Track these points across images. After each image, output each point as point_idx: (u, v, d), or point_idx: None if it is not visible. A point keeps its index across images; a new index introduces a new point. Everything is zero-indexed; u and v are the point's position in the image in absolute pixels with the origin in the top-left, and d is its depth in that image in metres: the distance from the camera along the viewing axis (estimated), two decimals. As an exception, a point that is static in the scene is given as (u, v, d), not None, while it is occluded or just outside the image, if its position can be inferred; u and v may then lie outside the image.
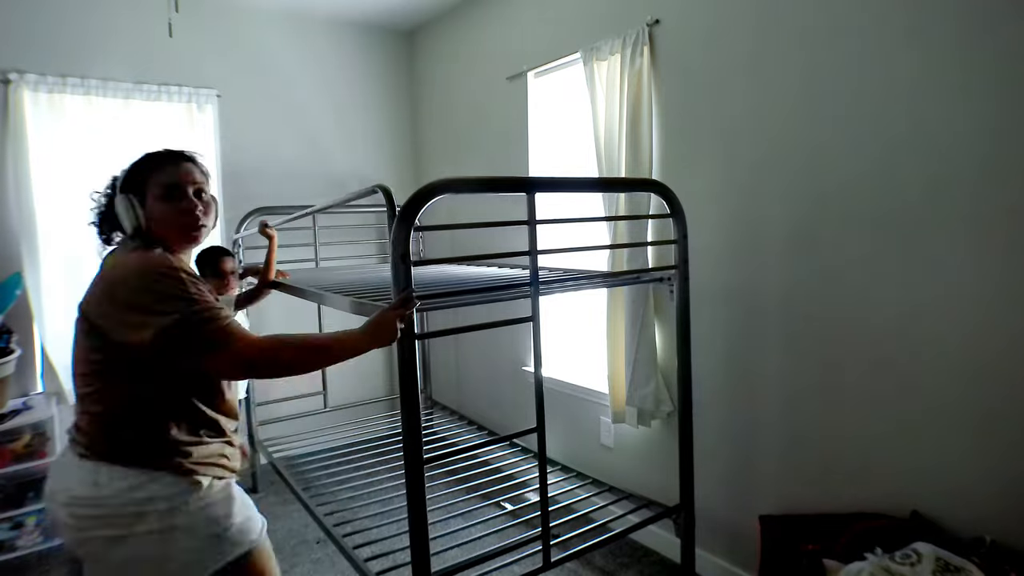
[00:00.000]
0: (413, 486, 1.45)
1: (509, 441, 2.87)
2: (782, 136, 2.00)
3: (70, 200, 3.00)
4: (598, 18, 2.60)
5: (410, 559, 1.49)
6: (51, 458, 2.72)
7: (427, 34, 3.87)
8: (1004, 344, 1.57)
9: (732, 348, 2.21)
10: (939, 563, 1.45)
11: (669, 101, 2.34)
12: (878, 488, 1.84)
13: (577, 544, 1.88)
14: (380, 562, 1.98)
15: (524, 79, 3.06)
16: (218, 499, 1.34)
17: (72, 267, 3.02)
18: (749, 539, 2.15)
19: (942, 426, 1.70)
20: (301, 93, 3.69)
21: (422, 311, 1.48)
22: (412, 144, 4.12)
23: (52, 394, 2.95)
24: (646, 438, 2.57)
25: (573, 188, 2.37)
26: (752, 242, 2.12)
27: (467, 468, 2.82)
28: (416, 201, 1.40)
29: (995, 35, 1.53)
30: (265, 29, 3.56)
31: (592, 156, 2.56)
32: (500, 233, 3.20)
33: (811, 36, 1.90)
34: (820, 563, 1.66)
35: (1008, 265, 1.55)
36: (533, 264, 1.60)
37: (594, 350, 2.83)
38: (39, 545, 2.72)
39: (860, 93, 1.79)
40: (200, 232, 1.40)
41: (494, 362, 3.48)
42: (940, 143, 1.64)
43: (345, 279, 2.42)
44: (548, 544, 1.70)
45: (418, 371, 1.47)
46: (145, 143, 3.14)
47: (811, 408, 1.99)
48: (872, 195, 1.79)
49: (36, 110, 2.91)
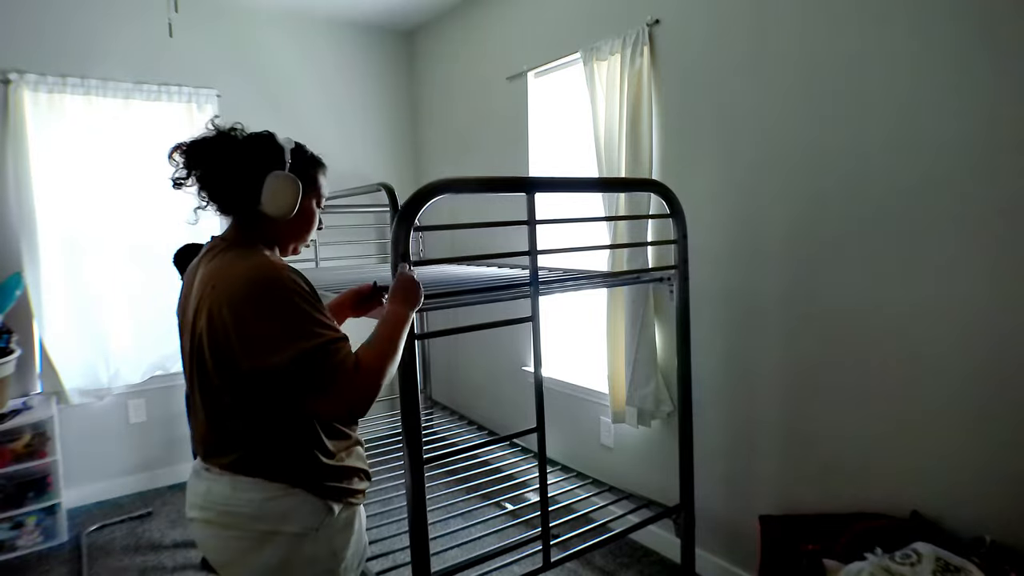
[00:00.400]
0: (413, 486, 1.45)
1: (509, 441, 2.86)
2: (782, 136, 2.00)
3: (70, 200, 3.00)
4: (598, 18, 2.60)
5: (410, 559, 1.49)
6: (51, 458, 2.73)
7: (427, 34, 3.87)
8: (1004, 344, 1.57)
9: (732, 348, 2.21)
10: (939, 563, 1.45)
11: (669, 101, 2.34)
12: (878, 488, 1.84)
13: (577, 544, 1.88)
14: (380, 562, 1.99)
15: (524, 79, 3.06)
16: (342, 528, 1.22)
17: (72, 267, 3.02)
18: (749, 539, 2.15)
19: (942, 426, 1.70)
20: (301, 93, 3.69)
21: (422, 311, 1.48)
22: (412, 144, 4.12)
23: (51, 394, 2.95)
24: (646, 438, 2.57)
25: (573, 188, 2.37)
26: (752, 242, 2.12)
27: (467, 468, 2.82)
28: (416, 201, 1.40)
29: (995, 35, 1.53)
30: (265, 29, 3.56)
31: (592, 156, 2.56)
32: (500, 233, 3.20)
33: (811, 36, 1.90)
34: (820, 563, 1.66)
35: (1008, 265, 1.55)
36: (533, 264, 1.60)
37: (594, 350, 2.83)
38: (39, 545, 2.72)
39: (860, 93, 1.79)
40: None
41: (494, 362, 3.48)
42: (940, 143, 1.64)
43: (345, 279, 2.42)
44: (548, 544, 1.71)
45: (418, 371, 1.46)
46: (145, 143, 3.16)
47: (811, 408, 1.99)
48: (872, 195, 1.79)
49: (36, 110, 2.91)
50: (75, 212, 3.02)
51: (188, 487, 1.23)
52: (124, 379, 3.16)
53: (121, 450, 3.25)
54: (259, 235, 1.22)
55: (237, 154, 1.19)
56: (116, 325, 3.13)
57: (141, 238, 3.15)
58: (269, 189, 1.17)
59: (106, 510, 3.08)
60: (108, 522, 2.93)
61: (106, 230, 3.09)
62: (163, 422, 3.30)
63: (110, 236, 3.10)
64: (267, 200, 1.18)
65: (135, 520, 2.96)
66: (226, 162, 1.18)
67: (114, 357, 3.13)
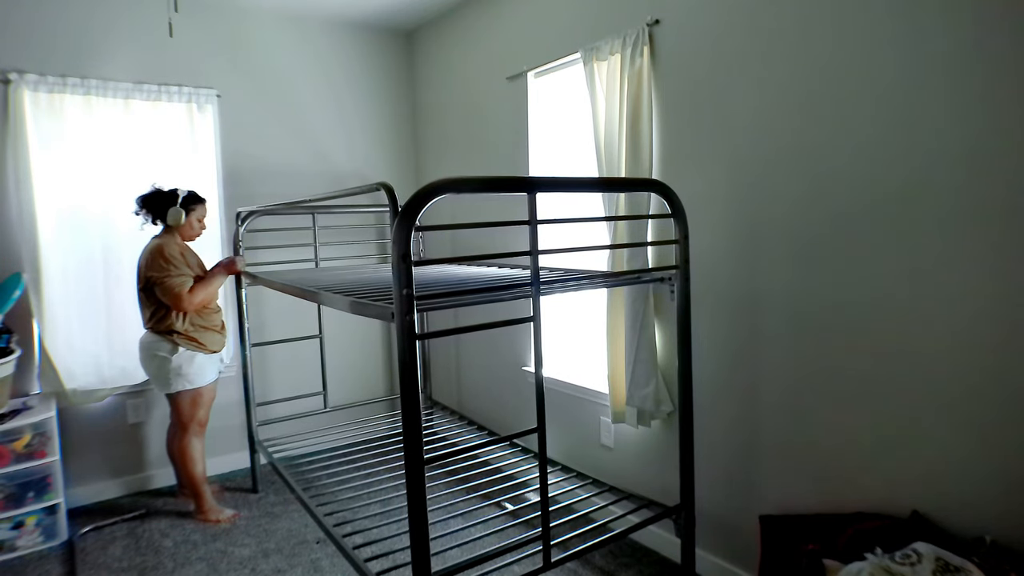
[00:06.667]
0: (413, 486, 1.45)
1: (509, 441, 2.86)
2: (782, 135, 2.00)
3: (70, 200, 3.00)
4: (598, 18, 2.60)
5: (410, 559, 1.49)
6: (51, 458, 2.73)
7: (427, 34, 3.87)
8: (1004, 344, 1.57)
9: (732, 348, 2.21)
10: (939, 563, 1.45)
11: (669, 101, 2.34)
12: (878, 488, 1.84)
13: (577, 544, 1.88)
14: (380, 562, 1.99)
15: (524, 79, 3.06)
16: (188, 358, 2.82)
17: (72, 267, 3.02)
18: (749, 539, 2.15)
19: (942, 426, 1.70)
20: (301, 93, 3.69)
21: (422, 311, 1.48)
22: (412, 144, 4.12)
23: (51, 394, 2.95)
24: (646, 438, 2.57)
25: (573, 188, 2.37)
26: (751, 241, 2.12)
27: (467, 468, 2.82)
28: (417, 201, 1.40)
29: (990, 35, 1.53)
30: (265, 29, 3.56)
31: (592, 156, 2.56)
32: (500, 233, 3.20)
33: (811, 36, 1.90)
34: (820, 563, 1.66)
35: (1009, 264, 1.55)
36: (534, 264, 1.60)
37: (594, 350, 2.84)
38: (39, 545, 2.72)
39: (860, 92, 1.79)
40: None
41: (494, 362, 3.48)
42: (940, 143, 1.64)
43: (345, 279, 2.43)
44: (548, 544, 1.71)
45: (418, 371, 1.47)
46: (145, 143, 3.16)
47: (811, 408, 2.00)
48: (872, 194, 1.79)
49: (36, 110, 2.91)
50: (75, 212, 3.02)
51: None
52: (124, 379, 3.16)
53: (121, 450, 3.25)
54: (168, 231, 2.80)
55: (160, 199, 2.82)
56: (116, 325, 3.13)
57: (141, 238, 3.15)
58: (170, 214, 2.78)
59: (106, 510, 3.08)
60: (105, 523, 2.93)
61: (106, 230, 3.09)
62: (163, 422, 3.30)
63: (110, 236, 3.10)
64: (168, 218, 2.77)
65: (134, 520, 2.97)
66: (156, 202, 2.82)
67: (114, 357, 3.13)
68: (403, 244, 1.39)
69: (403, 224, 1.38)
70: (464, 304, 1.69)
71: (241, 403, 3.31)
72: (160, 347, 2.76)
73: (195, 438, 2.90)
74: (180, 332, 2.77)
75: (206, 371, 2.88)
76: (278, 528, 2.85)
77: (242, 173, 3.50)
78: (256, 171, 3.55)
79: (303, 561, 2.57)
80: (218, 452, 3.43)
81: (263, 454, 3.11)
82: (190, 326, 2.80)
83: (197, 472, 2.91)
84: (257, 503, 3.13)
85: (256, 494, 3.23)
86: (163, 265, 2.70)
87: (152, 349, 2.78)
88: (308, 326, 3.60)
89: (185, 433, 2.88)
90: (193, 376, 2.81)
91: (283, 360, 3.66)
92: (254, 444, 3.22)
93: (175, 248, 2.77)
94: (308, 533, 2.80)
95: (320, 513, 2.31)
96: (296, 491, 2.55)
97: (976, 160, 1.59)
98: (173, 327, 2.76)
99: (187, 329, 2.79)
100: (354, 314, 1.79)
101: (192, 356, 2.80)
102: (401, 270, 1.39)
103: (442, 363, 4.00)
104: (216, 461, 3.40)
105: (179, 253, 2.77)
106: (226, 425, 3.44)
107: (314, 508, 2.36)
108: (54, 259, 2.96)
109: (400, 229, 1.38)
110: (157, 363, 2.78)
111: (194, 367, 2.81)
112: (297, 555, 2.62)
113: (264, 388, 3.56)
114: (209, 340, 2.87)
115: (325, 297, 1.96)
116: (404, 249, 1.39)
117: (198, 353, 2.82)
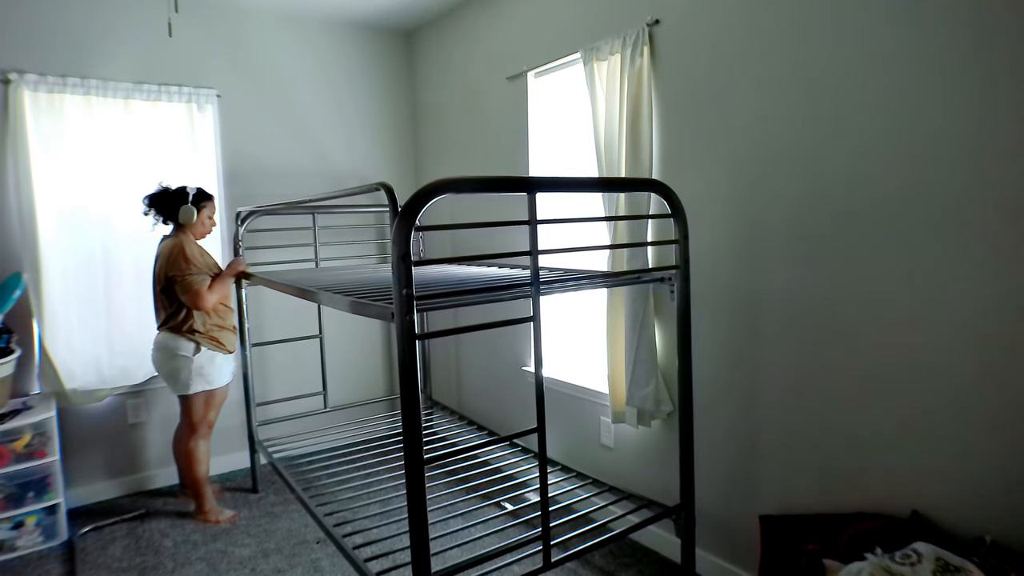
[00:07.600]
0: (413, 486, 1.45)
1: (509, 441, 2.86)
2: (782, 135, 2.00)
3: (70, 200, 3.00)
4: (598, 18, 2.60)
5: (410, 559, 1.49)
6: (51, 458, 2.73)
7: (427, 34, 3.87)
8: (1004, 344, 1.57)
9: (732, 348, 2.21)
10: (939, 563, 1.45)
11: (669, 101, 2.34)
12: (878, 488, 1.84)
13: (577, 544, 1.88)
14: (380, 562, 1.99)
15: (524, 79, 3.06)
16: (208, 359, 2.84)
17: (72, 267, 3.02)
18: (749, 539, 2.15)
19: (942, 426, 1.70)
20: (301, 93, 3.69)
21: (422, 311, 1.48)
22: (412, 144, 4.12)
23: (51, 394, 2.95)
24: (646, 438, 2.57)
25: (573, 188, 2.37)
26: (751, 241, 2.12)
27: (467, 468, 2.82)
28: (417, 201, 1.40)
29: (991, 35, 1.53)
30: (265, 29, 3.56)
31: (592, 156, 2.56)
32: (500, 233, 3.20)
33: (811, 36, 1.90)
34: (820, 563, 1.66)
35: (1009, 264, 1.55)
36: (534, 264, 1.60)
37: (594, 350, 2.84)
38: (39, 545, 2.72)
39: (861, 92, 1.79)
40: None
41: (494, 362, 3.48)
42: (939, 143, 1.64)
43: (345, 279, 2.43)
44: (548, 544, 1.71)
45: (418, 371, 1.47)
46: (145, 143, 3.16)
47: (811, 408, 1.99)
48: (872, 194, 1.79)
49: (36, 110, 2.91)
50: (75, 212, 3.02)
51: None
52: (124, 379, 3.16)
53: (121, 450, 3.25)
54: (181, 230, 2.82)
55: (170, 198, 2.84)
56: (116, 325, 3.13)
57: (141, 238, 3.15)
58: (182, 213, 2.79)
59: (106, 510, 3.08)
60: (105, 523, 2.93)
61: (106, 230, 3.09)
62: (163, 422, 3.30)
63: (110, 236, 3.10)
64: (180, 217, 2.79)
65: (134, 520, 2.97)
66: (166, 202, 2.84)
67: (114, 357, 3.13)
68: (403, 244, 1.39)
69: (403, 224, 1.38)
70: (464, 304, 1.69)
71: (241, 403, 3.31)
72: (183, 347, 2.76)
73: (202, 440, 2.91)
74: (202, 332, 2.78)
75: (224, 371, 2.90)
76: (278, 528, 2.85)
77: (242, 173, 3.50)
78: (256, 171, 3.55)
79: (303, 561, 2.57)
80: (218, 452, 3.43)
81: (263, 454, 3.11)
82: (212, 326, 2.82)
83: (201, 473, 2.91)
84: (257, 503, 3.13)
85: (256, 494, 3.23)
86: (183, 265, 2.71)
87: (173, 349, 2.77)
88: (308, 326, 3.60)
89: (194, 434, 2.88)
90: (213, 376, 2.84)
91: (283, 360, 3.66)
92: (254, 444, 3.22)
93: (194, 247, 2.80)
94: (308, 533, 2.80)
95: (320, 513, 2.31)
96: (296, 491, 2.55)
97: (976, 160, 1.59)
98: (195, 327, 2.77)
99: (208, 329, 2.81)
100: (354, 314, 1.79)
101: (212, 356, 2.83)
102: (401, 270, 1.39)
103: (442, 363, 4.00)
104: (216, 461, 3.40)
105: (198, 252, 2.80)
106: (226, 425, 3.43)
107: (314, 508, 2.36)
108: (54, 259, 2.96)
109: (400, 229, 1.38)
110: (178, 363, 2.77)
111: (215, 367, 2.84)
112: (297, 555, 2.62)
113: (264, 388, 3.56)
114: (227, 340, 2.90)
115: (325, 297, 1.97)
116: (404, 249, 1.39)
117: (217, 353, 2.85)
